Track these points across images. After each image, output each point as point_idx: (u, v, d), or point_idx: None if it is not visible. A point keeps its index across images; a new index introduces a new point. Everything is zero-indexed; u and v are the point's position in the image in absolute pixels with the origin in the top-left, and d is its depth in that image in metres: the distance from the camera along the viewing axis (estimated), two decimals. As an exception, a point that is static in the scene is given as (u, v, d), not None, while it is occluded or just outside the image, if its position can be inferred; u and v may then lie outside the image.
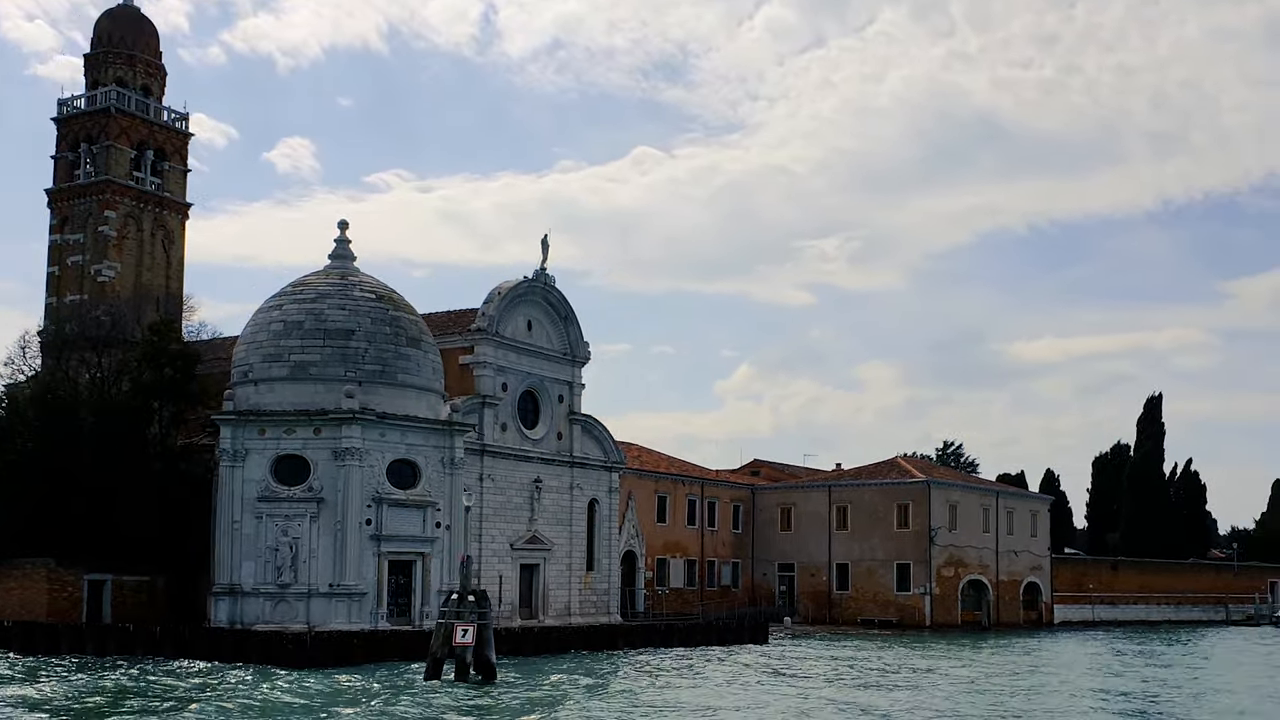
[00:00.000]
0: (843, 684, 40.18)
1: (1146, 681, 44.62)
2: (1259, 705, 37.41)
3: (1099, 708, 35.39)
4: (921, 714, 32.49)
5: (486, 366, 57.49)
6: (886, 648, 58.29)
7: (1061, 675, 46.34)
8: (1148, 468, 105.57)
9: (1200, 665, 54.74)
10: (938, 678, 43.03)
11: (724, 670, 44.31)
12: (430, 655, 36.67)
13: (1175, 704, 37.01)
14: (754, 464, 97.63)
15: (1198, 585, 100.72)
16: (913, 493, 77.83)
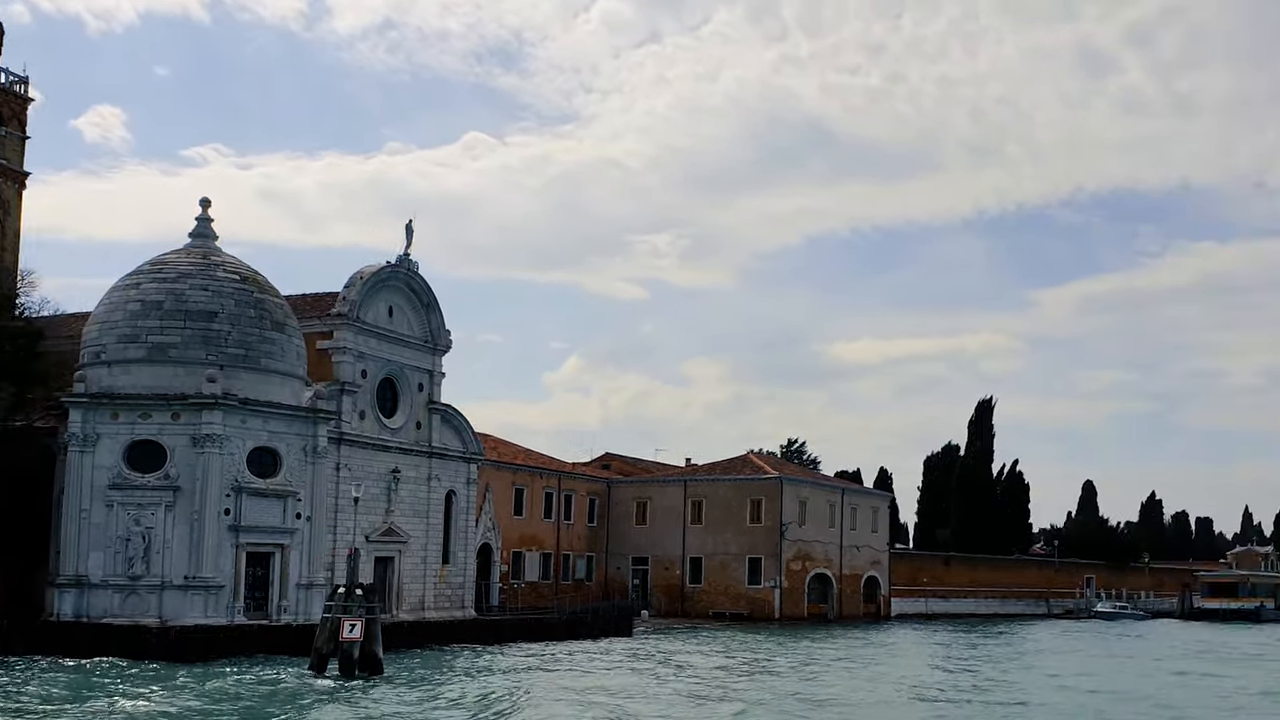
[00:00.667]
0: (739, 671, 40.71)
1: (974, 671, 46.63)
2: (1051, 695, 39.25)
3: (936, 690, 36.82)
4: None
5: (346, 353, 55.90)
6: (754, 639, 59.39)
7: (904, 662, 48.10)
8: (978, 468, 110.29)
9: (1023, 655, 57.47)
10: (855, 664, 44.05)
11: (609, 660, 44.59)
12: (315, 650, 35.68)
13: (992, 691, 38.79)
14: (605, 457, 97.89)
15: (1022, 580, 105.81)
16: (766, 488, 79.44)
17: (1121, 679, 45.65)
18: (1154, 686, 42.80)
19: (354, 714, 29.00)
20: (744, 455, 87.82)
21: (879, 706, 34.44)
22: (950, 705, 34.80)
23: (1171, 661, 55.87)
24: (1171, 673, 49.23)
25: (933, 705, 34.76)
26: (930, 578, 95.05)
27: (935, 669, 47.95)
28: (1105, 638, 75.60)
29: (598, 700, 32.76)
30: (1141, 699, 38.30)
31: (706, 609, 78.03)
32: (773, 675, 41.83)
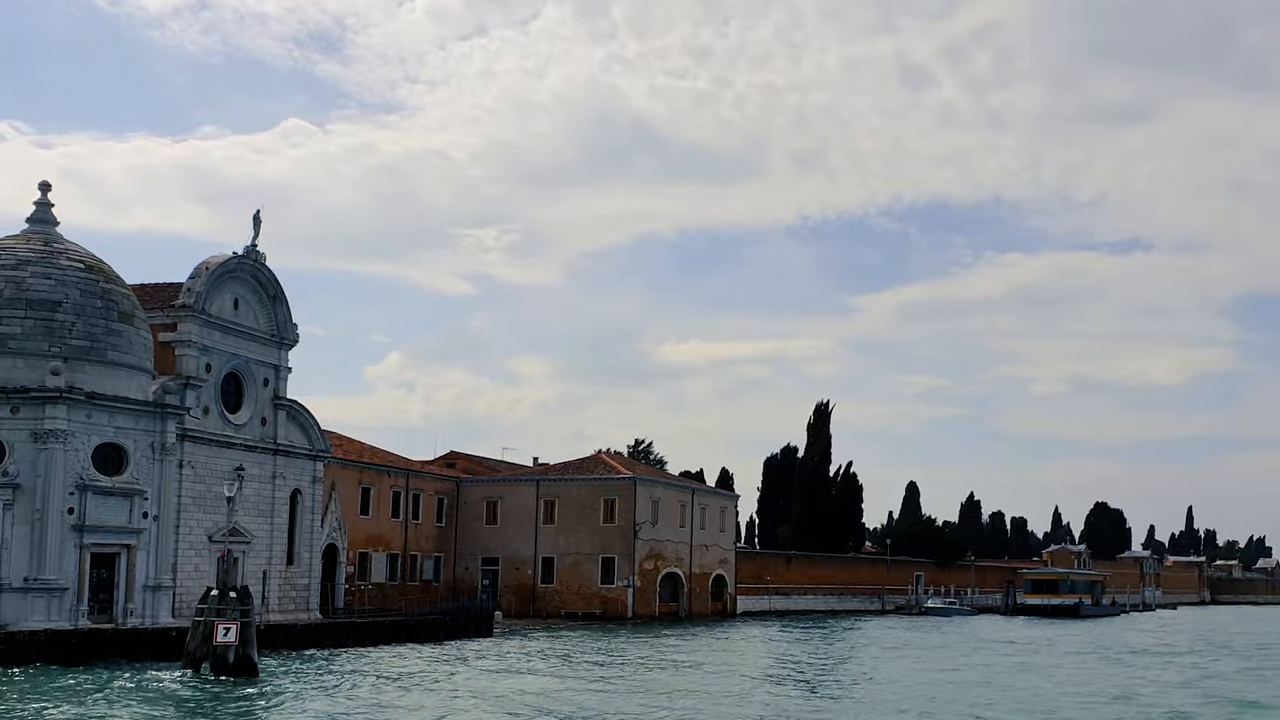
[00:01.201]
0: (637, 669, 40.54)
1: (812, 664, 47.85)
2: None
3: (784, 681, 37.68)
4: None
5: (190, 345, 53.51)
6: (619, 638, 59.37)
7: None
8: (817, 469, 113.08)
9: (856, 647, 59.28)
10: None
11: (488, 660, 43.96)
12: (186, 654, 34.25)
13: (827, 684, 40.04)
14: (450, 455, 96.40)
15: (857, 578, 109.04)
16: (619, 488, 79.61)
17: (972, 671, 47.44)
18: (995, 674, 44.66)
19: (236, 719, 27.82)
20: (595, 455, 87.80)
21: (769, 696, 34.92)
22: (810, 699, 35.45)
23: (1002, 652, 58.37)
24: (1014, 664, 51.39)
25: (808, 700, 35.39)
26: (773, 576, 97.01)
27: (802, 664, 48.90)
28: (940, 631, 78.53)
29: (516, 700, 32.35)
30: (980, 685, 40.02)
31: (558, 609, 77.68)
32: (679, 671, 42.04)
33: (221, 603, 34.75)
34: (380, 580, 74.40)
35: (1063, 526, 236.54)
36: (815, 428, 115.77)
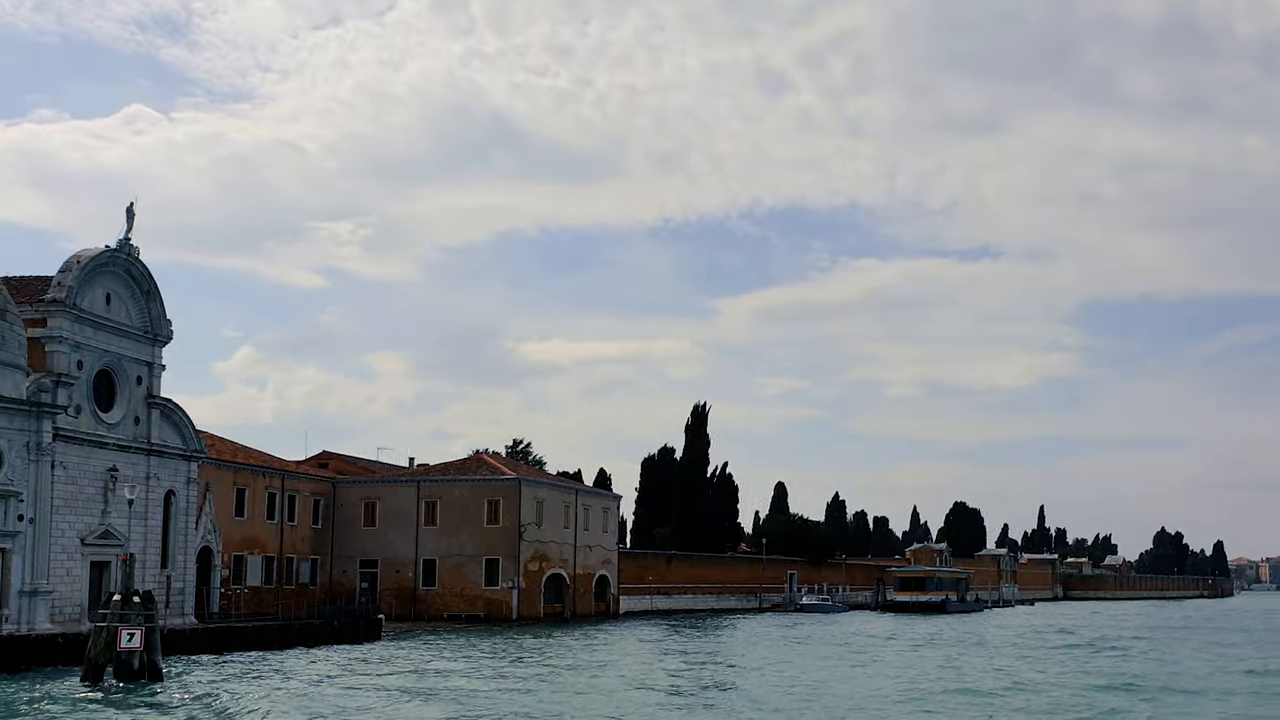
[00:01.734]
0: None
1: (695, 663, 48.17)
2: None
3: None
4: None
5: (61, 342, 51.06)
6: (516, 639, 58.50)
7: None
8: (695, 469, 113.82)
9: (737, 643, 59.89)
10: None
11: (395, 665, 42.87)
12: (88, 661, 32.79)
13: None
14: (323, 456, 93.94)
15: (735, 576, 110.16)
16: (504, 489, 78.62)
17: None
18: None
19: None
20: (476, 456, 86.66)
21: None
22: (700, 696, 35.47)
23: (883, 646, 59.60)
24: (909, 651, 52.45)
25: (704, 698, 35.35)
26: (655, 576, 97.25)
27: (694, 662, 48.98)
28: (820, 626, 79.79)
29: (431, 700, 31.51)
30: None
31: (441, 611, 76.25)
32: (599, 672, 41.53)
33: (125, 608, 33.36)
34: (256, 584, 72.08)
35: (921, 525, 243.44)
36: (693, 429, 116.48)
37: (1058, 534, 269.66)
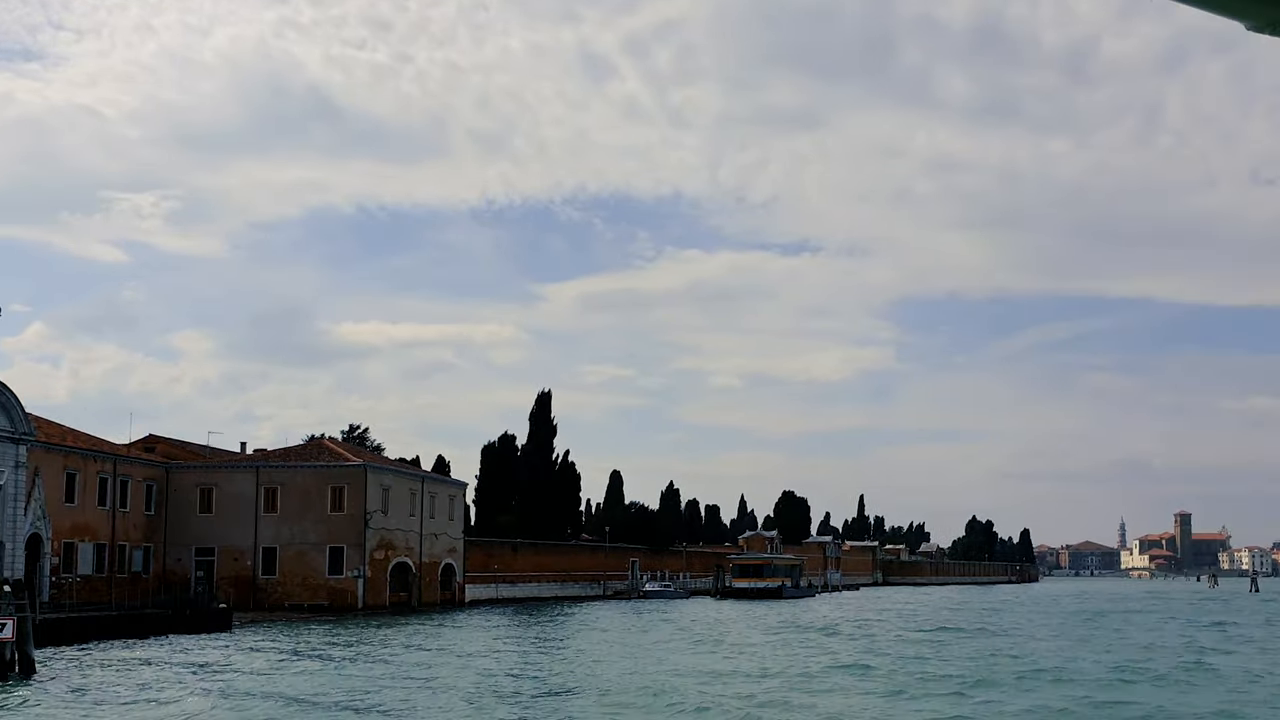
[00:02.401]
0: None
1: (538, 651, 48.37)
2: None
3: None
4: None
5: (-123, 313, 47.53)
6: (375, 629, 57.18)
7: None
8: (540, 457, 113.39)
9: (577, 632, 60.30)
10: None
11: (259, 654, 41.21)
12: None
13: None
14: (149, 439, 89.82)
15: (579, 564, 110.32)
16: (349, 476, 76.68)
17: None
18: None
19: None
20: (317, 441, 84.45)
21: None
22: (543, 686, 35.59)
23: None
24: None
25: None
26: (500, 564, 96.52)
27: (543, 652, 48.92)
28: (663, 613, 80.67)
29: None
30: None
31: (282, 600, 73.83)
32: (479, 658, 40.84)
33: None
34: (87, 572, 68.56)
35: (748, 513, 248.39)
36: (537, 416, 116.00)
37: (876, 522, 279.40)
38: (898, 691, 32.58)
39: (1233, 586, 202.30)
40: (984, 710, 28.91)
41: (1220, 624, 71.97)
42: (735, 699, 30.38)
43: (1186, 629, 66.55)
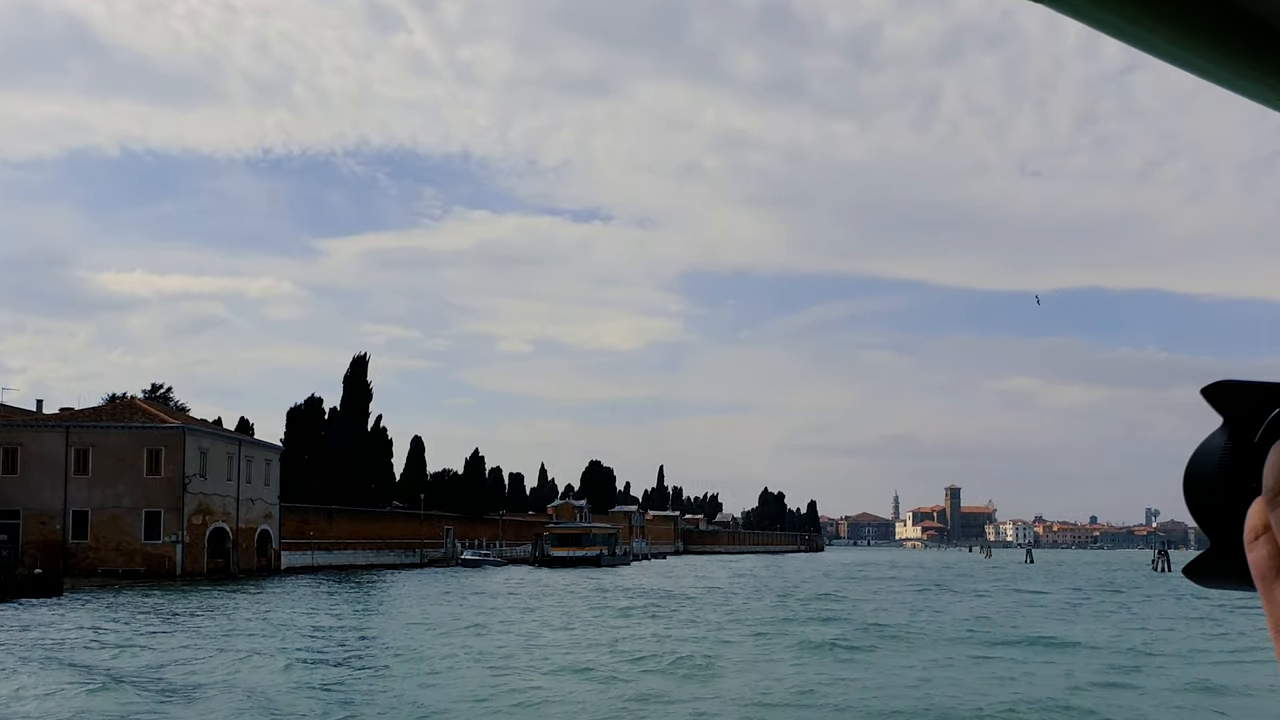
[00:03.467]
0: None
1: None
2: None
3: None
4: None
5: None
6: (213, 595, 55.18)
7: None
8: (356, 422, 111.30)
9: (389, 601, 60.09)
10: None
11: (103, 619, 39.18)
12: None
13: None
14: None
15: (394, 531, 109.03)
16: (166, 438, 73.57)
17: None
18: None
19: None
20: (127, 400, 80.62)
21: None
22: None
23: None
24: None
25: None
26: (316, 530, 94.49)
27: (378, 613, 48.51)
28: (490, 581, 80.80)
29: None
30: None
31: (95, 566, 70.26)
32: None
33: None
34: None
35: (548, 482, 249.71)
36: (352, 380, 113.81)
37: (675, 492, 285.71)
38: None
39: (1008, 557, 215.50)
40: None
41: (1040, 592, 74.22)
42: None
43: (1036, 599, 66.86)
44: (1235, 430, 0.71)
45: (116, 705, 22.35)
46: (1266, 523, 0.66)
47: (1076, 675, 27.22)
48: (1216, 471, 0.70)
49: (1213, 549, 0.66)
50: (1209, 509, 0.70)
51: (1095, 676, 27.20)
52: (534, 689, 24.48)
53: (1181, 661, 30.95)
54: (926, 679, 26.43)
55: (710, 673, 27.56)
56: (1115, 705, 23.08)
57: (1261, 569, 0.66)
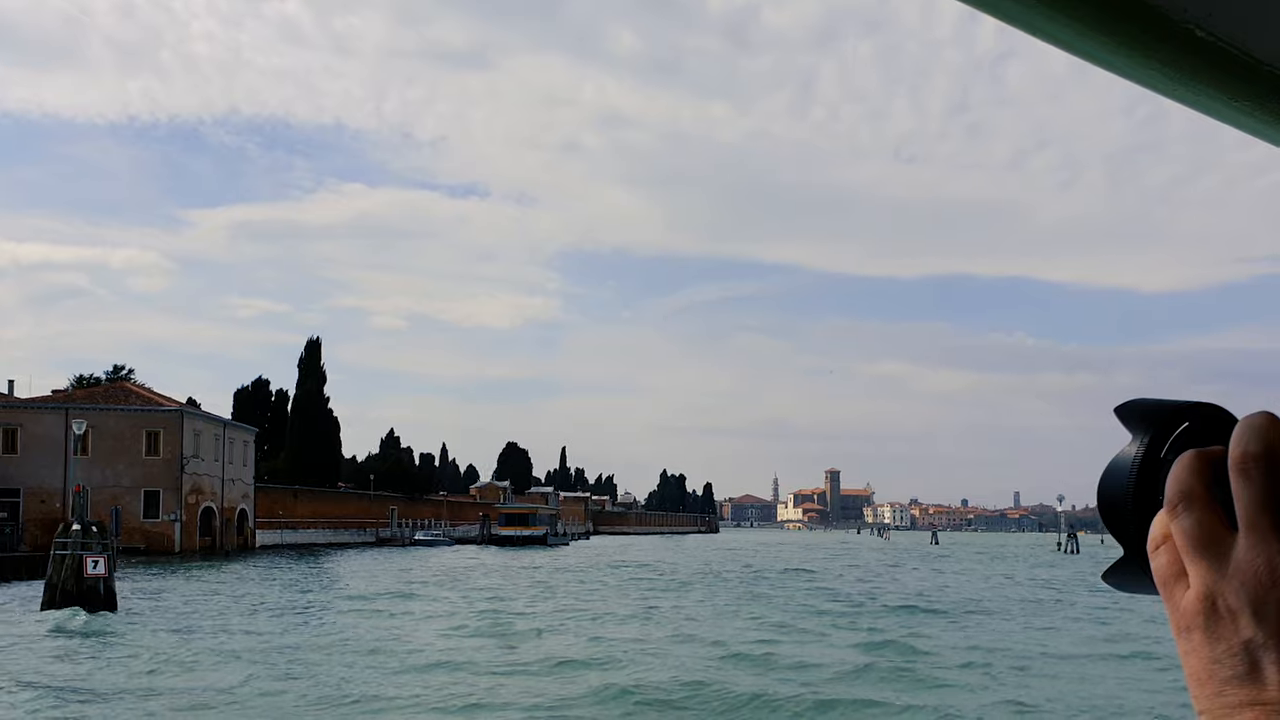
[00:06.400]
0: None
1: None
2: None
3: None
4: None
5: None
6: (227, 569, 59.09)
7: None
8: (311, 404, 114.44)
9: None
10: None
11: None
12: (53, 587, 34.49)
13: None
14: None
15: (349, 511, 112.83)
16: (164, 420, 76.74)
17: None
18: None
19: (148, 645, 27.99)
20: (120, 384, 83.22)
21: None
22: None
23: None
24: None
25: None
26: (284, 510, 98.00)
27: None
28: (453, 558, 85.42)
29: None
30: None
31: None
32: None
33: (86, 537, 33.85)
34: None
35: (449, 461, 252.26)
36: (307, 362, 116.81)
37: (578, 473, 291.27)
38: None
39: (907, 540, 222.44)
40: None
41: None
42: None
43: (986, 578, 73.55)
44: (1145, 446, 0.76)
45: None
46: (1167, 533, 0.74)
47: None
48: (1126, 485, 0.77)
49: (1125, 557, 0.64)
50: (1120, 520, 0.78)
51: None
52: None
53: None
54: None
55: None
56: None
57: (1163, 576, 0.74)
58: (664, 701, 20.66)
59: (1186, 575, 0.71)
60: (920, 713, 19.74)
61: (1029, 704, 20.75)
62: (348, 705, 19.99)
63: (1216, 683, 0.68)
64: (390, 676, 23.20)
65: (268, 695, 20.69)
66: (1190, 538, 0.71)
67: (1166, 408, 0.76)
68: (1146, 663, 26.50)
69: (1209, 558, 0.70)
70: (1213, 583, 0.69)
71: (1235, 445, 0.69)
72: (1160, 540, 0.74)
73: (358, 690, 21.36)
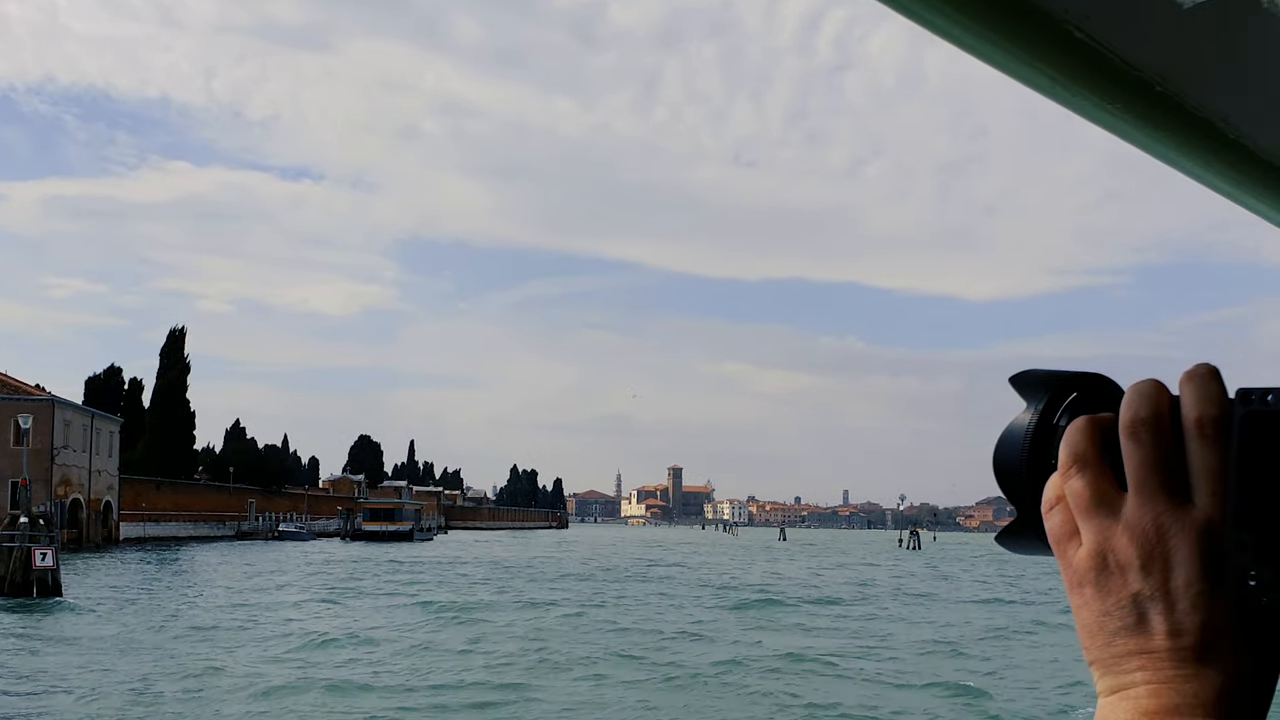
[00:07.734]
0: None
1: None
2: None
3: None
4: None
5: None
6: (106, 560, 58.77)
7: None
8: (172, 395, 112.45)
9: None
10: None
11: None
12: (5, 580, 34.99)
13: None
14: None
15: (208, 503, 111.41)
16: (34, 409, 74.89)
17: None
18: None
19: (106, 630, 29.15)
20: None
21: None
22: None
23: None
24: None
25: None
26: (146, 502, 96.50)
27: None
28: (324, 552, 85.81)
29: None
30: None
31: (-40, 536, 71.39)
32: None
33: (34, 529, 34.62)
34: None
35: (291, 453, 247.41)
36: (169, 353, 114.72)
37: (426, 467, 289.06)
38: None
39: (753, 536, 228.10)
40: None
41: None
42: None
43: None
44: (1039, 414, 0.80)
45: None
46: (1061, 494, 0.78)
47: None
48: (1021, 450, 0.80)
49: (1019, 519, 0.78)
50: (1015, 483, 0.81)
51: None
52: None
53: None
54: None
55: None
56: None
57: (1057, 535, 0.78)
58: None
59: (1079, 534, 0.77)
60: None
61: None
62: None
63: (1106, 634, 0.75)
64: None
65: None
66: (1083, 498, 0.76)
67: (1059, 377, 0.81)
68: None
69: (1101, 516, 0.75)
70: (1104, 540, 0.75)
71: (1126, 410, 0.75)
72: (1054, 502, 0.78)
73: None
